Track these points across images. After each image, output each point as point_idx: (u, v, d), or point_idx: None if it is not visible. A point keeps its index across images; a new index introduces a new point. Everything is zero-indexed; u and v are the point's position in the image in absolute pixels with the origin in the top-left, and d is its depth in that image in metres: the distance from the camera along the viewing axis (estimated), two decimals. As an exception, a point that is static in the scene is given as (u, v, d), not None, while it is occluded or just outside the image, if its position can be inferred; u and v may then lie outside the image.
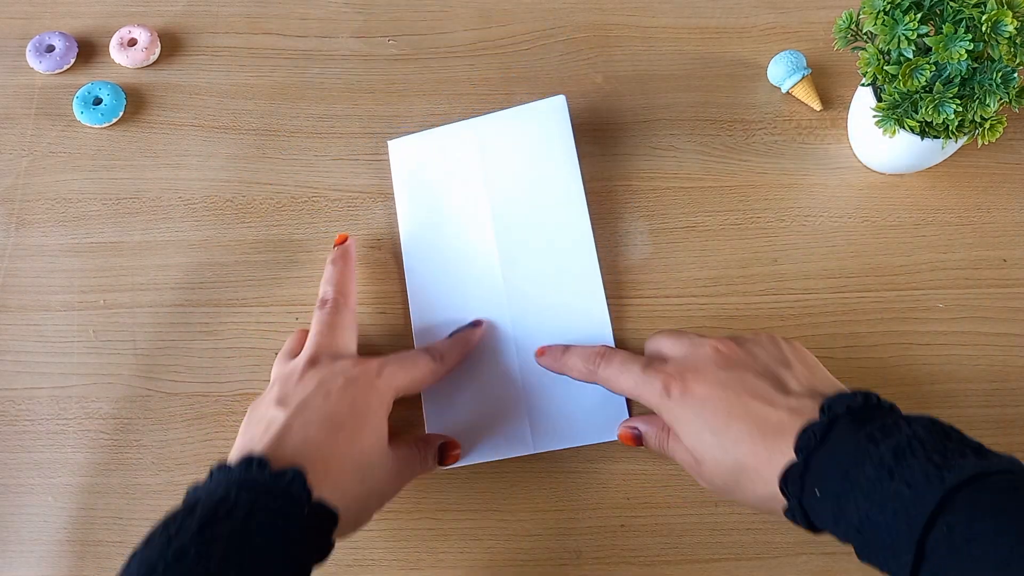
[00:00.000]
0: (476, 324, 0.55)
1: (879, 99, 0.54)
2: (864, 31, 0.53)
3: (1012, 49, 0.48)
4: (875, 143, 0.57)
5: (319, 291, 0.53)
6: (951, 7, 0.49)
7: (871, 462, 0.38)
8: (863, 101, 0.57)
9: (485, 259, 0.57)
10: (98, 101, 0.62)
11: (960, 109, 0.50)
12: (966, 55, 0.49)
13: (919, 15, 0.49)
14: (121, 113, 0.63)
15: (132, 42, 0.65)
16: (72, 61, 0.65)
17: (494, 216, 0.58)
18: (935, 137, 0.54)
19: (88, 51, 0.66)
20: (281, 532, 0.39)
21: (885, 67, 0.51)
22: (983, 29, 0.48)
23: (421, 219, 0.59)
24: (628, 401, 0.54)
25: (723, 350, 0.46)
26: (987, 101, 0.50)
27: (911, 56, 0.50)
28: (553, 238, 0.58)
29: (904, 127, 0.53)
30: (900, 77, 0.51)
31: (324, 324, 0.51)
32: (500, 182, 0.59)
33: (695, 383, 0.45)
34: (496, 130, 0.60)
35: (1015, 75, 0.49)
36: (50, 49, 0.64)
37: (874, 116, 0.54)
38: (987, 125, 0.52)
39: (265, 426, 0.45)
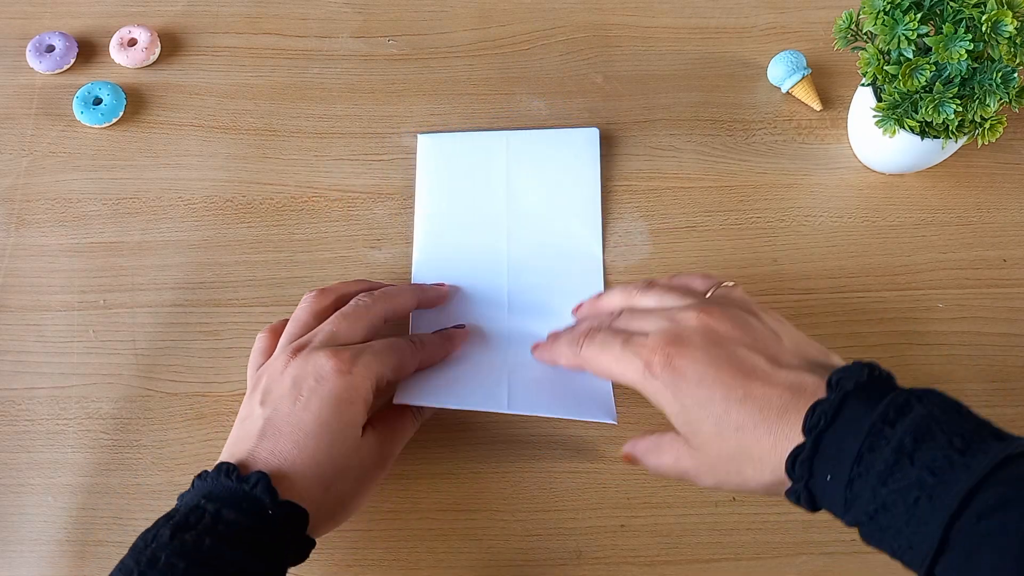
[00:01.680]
0: (460, 326, 0.55)
1: (879, 99, 0.54)
2: (864, 31, 0.53)
3: (1012, 49, 0.48)
4: (875, 143, 0.57)
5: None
6: (951, 7, 0.49)
7: (888, 445, 0.36)
8: (863, 101, 0.57)
9: (493, 263, 0.57)
10: (98, 101, 0.62)
11: (960, 109, 0.50)
12: (966, 55, 0.49)
13: (919, 15, 0.49)
14: (121, 113, 0.63)
15: (132, 42, 0.65)
16: (72, 61, 0.65)
17: (509, 224, 0.58)
18: (935, 137, 0.54)
19: (88, 51, 0.66)
20: (246, 534, 0.40)
21: (885, 67, 0.51)
22: (983, 29, 0.48)
23: (437, 214, 0.59)
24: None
25: (711, 323, 0.43)
26: (987, 101, 0.50)
27: (911, 56, 0.50)
28: (563, 257, 0.58)
29: (904, 127, 0.53)
30: (900, 77, 0.51)
31: (344, 315, 0.49)
32: (521, 194, 0.59)
33: (680, 358, 0.42)
34: (526, 146, 0.61)
35: (1015, 75, 0.49)
36: (50, 49, 0.64)
37: (874, 116, 0.54)
38: (987, 125, 0.52)
39: (247, 426, 0.46)
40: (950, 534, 0.33)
